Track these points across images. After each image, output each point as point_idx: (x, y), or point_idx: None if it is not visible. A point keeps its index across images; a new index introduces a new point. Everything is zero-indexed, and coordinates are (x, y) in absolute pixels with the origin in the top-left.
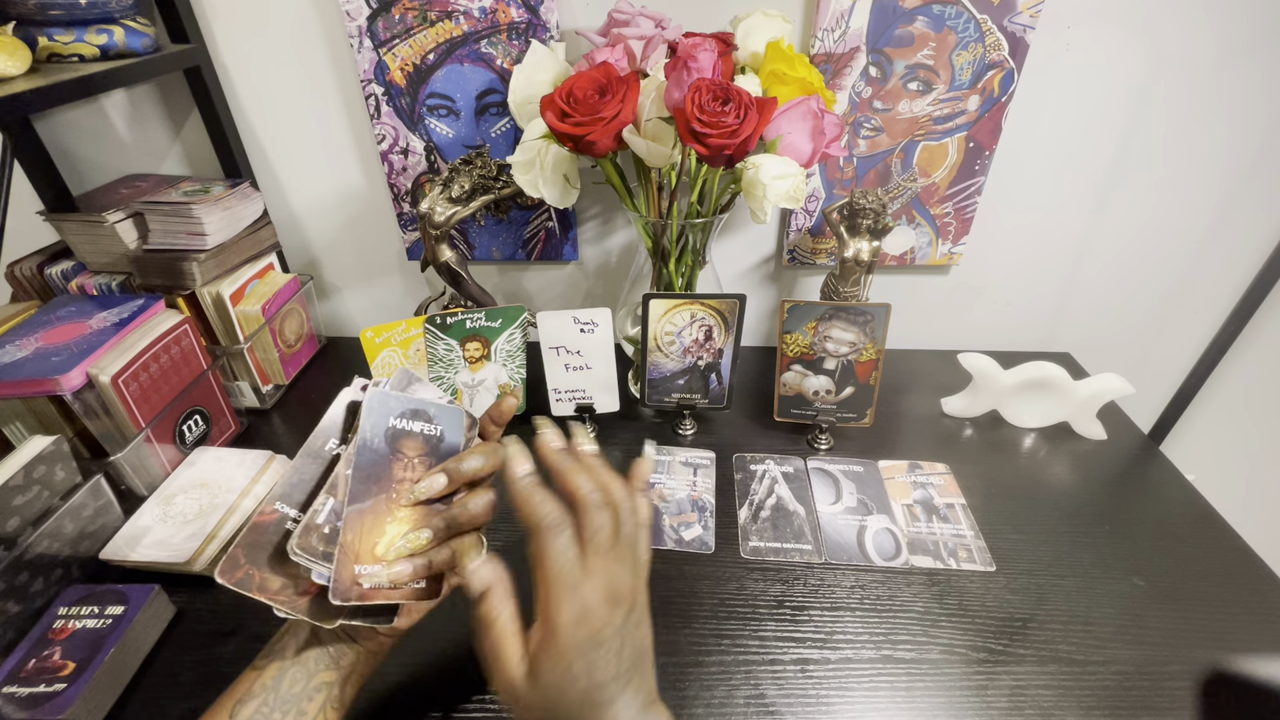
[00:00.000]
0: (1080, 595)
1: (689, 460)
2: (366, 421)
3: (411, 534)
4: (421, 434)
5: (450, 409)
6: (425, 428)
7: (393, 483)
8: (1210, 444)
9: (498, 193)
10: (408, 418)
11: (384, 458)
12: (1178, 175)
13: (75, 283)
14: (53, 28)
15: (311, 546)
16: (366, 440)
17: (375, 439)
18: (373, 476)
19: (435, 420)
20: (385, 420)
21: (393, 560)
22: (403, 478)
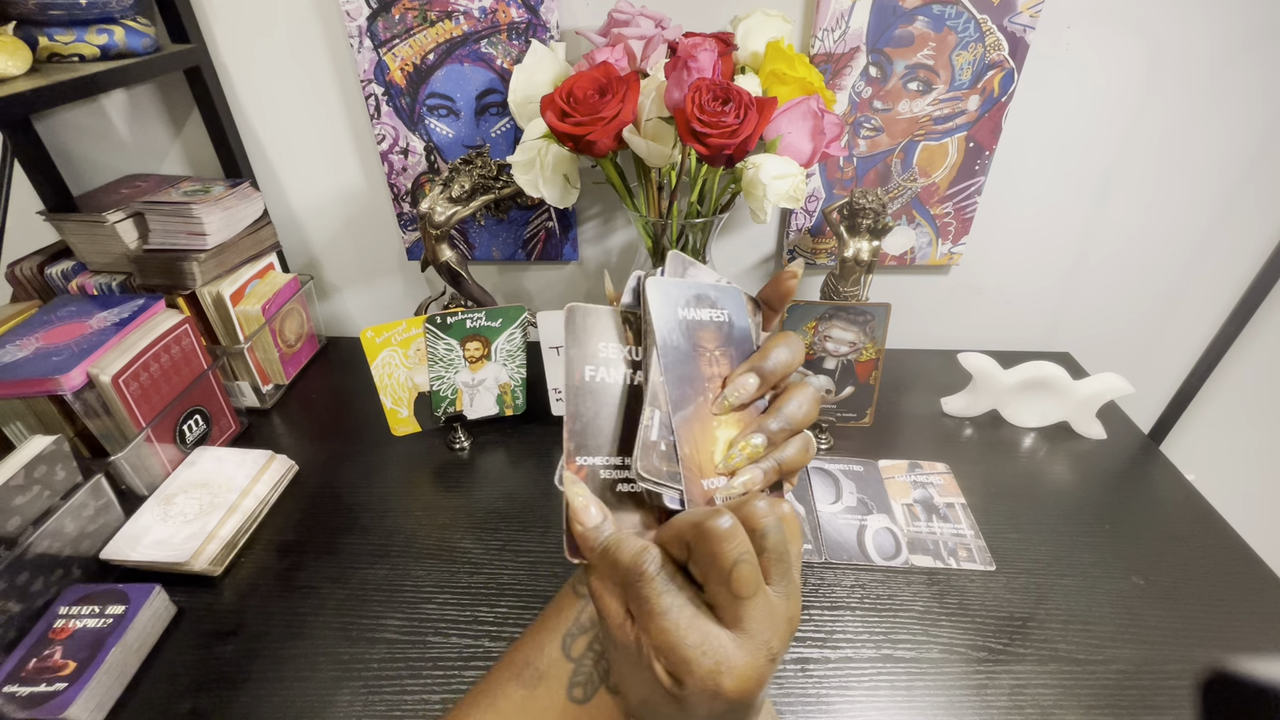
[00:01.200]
0: (1080, 595)
1: None
2: (659, 318)
3: (745, 440)
4: (713, 321)
5: (730, 290)
6: (713, 314)
7: (704, 381)
8: (1210, 444)
9: (498, 193)
10: (693, 305)
11: (688, 355)
12: (1177, 175)
13: (75, 283)
14: (53, 28)
15: (655, 468)
16: (665, 338)
17: (673, 335)
18: (685, 378)
19: (719, 304)
20: (675, 312)
21: (738, 467)
22: (711, 374)
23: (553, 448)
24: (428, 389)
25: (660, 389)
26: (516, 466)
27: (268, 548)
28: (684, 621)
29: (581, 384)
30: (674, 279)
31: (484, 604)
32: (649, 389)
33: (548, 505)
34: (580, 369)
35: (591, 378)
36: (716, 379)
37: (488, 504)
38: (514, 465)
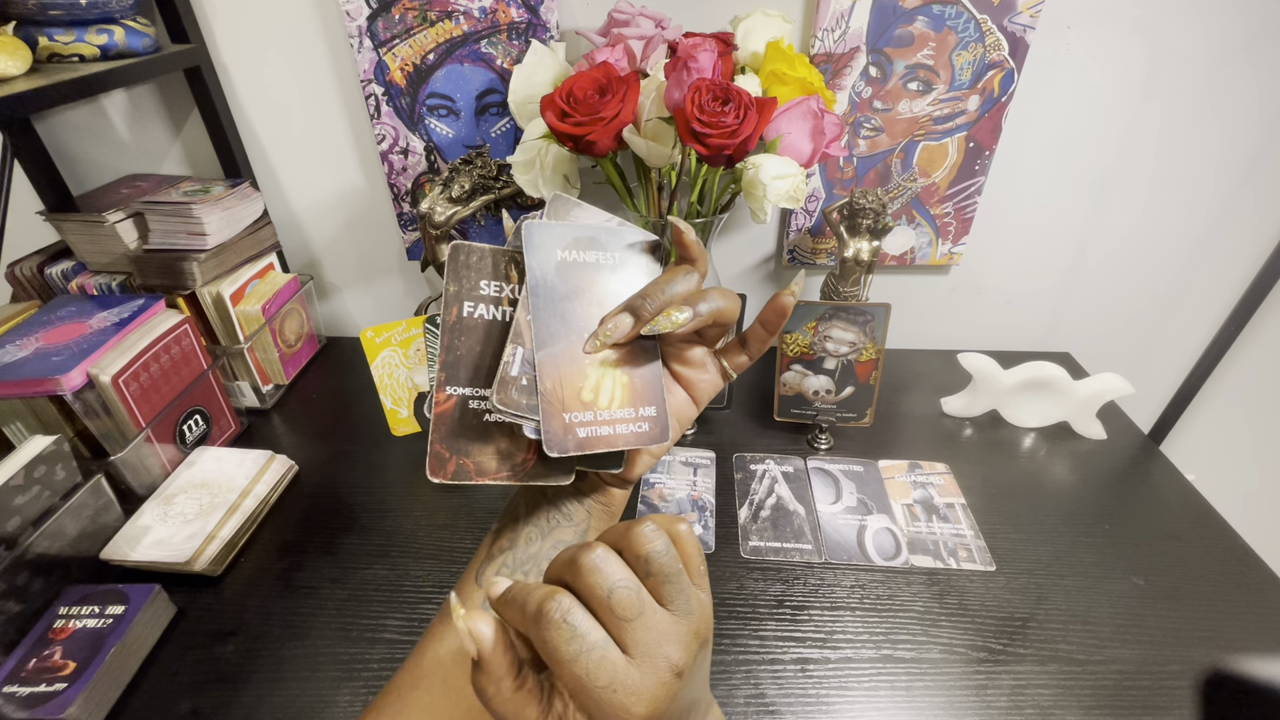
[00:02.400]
0: (1080, 595)
1: (689, 460)
2: (532, 259)
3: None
4: (597, 263)
5: (621, 231)
6: (599, 256)
7: (580, 320)
8: (1210, 444)
9: (498, 193)
10: (574, 247)
11: (564, 295)
12: (1177, 175)
13: (75, 283)
14: (53, 28)
15: (513, 400)
16: (539, 278)
17: (547, 275)
18: (557, 315)
19: (606, 246)
20: (553, 254)
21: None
22: (591, 314)
23: None
24: (428, 389)
25: (525, 326)
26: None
27: (268, 548)
28: (592, 665)
29: (459, 320)
30: (553, 222)
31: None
32: (514, 327)
33: None
34: (459, 305)
35: (470, 314)
36: (598, 319)
37: (487, 504)
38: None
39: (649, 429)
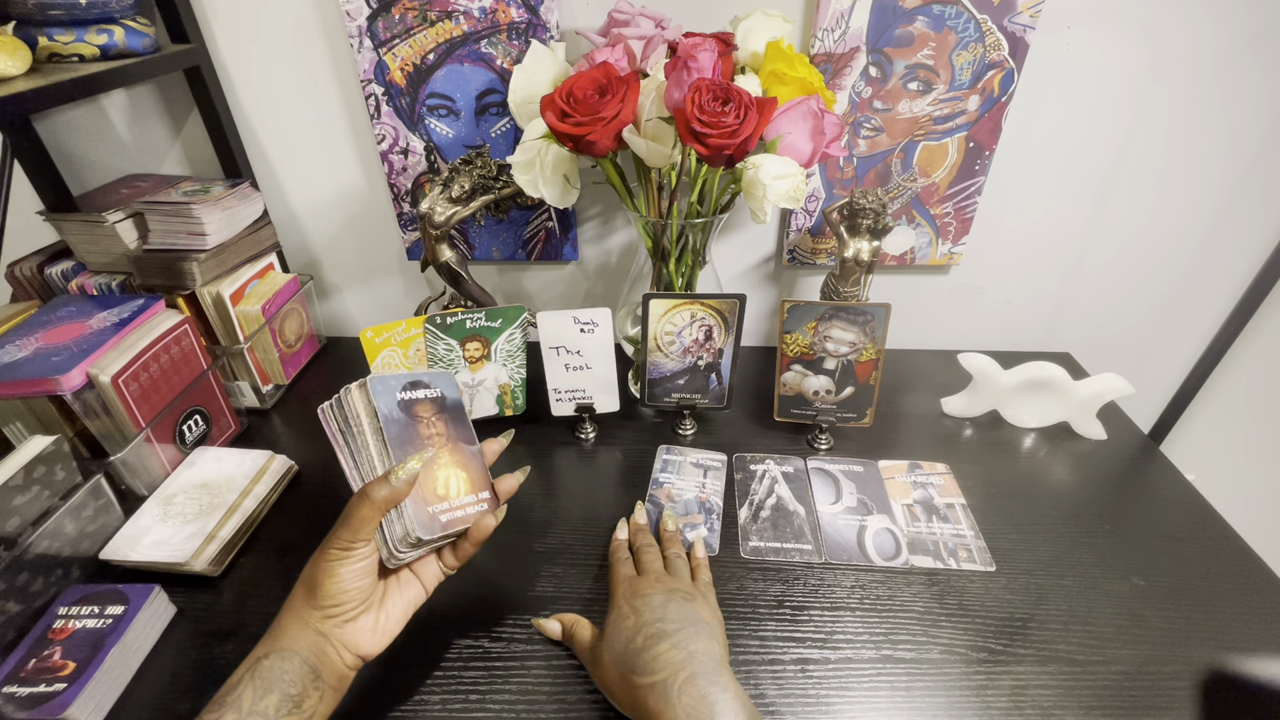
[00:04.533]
0: (1080, 595)
1: (700, 461)
2: (380, 402)
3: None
4: (427, 398)
5: (438, 373)
6: (427, 392)
7: (423, 440)
8: (1210, 444)
9: (498, 193)
10: (409, 388)
11: (408, 424)
12: (1178, 175)
13: (75, 283)
14: (53, 28)
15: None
16: (387, 415)
17: (393, 412)
18: (406, 440)
19: (432, 384)
20: (393, 398)
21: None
22: (429, 434)
23: (553, 447)
24: None
25: (373, 458)
26: (515, 467)
27: (268, 548)
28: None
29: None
30: (389, 374)
31: (482, 604)
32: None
33: (548, 505)
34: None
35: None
36: (434, 436)
37: None
38: (513, 466)
39: (487, 505)
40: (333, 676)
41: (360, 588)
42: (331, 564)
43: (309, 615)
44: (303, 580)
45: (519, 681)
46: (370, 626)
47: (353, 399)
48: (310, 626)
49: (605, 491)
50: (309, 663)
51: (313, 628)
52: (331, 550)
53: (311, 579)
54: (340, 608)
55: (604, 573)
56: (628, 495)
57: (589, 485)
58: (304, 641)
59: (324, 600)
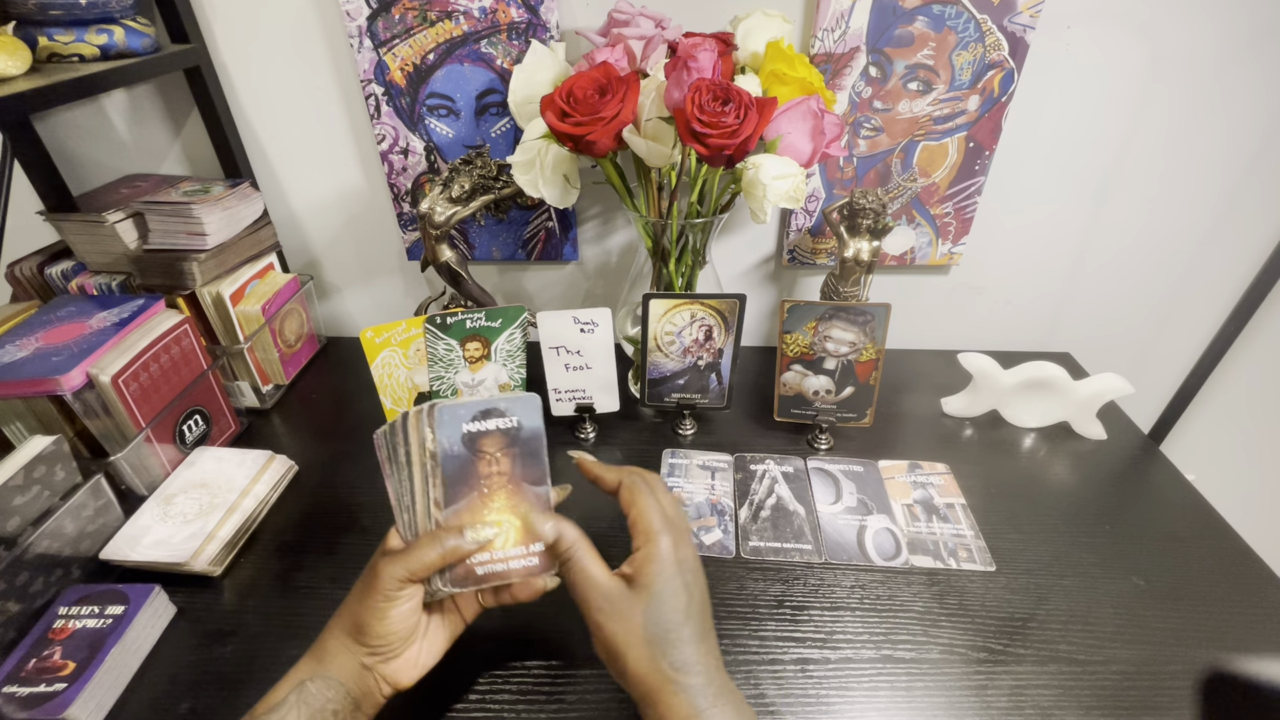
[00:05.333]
0: (1080, 595)
1: (706, 464)
2: (441, 434)
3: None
4: (498, 429)
5: (520, 398)
6: (500, 423)
7: (480, 480)
8: (1210, 444)
9: (498, 193)
10: (480, 418)
11: (467, 460)
12: (1178, 175)
13: (75, 283)
14: (53, 28)
15: (459, 580)
16: (446, 450)
17: (453, 446)
18: (460, 479)
19: (509, 412)
20: (458, 429)
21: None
22: (489, 473)
23: (553, 448)
24: (428, 389)
25: (420, 495)
26: None
27: (268, 548)
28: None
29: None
30: (463, 401)
31: None
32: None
33: None
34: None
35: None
36: (493, 476)
37: None
38: None
39: (538, 563)
40: (370, 706)
41: (407, 627)
42: (380, 607)
43: (355, 649)
44: (348, 612)
45: (519, 681)
46: (413, 659)
47: (407, 426)
48: (356, 659)
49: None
50: (352, 694)
51: (358, 660)
52: (383, 591)
53: (358, 618)
54: (388, 647)
55: None
56: None
57: (589, 485)
58: (349, 672)
59: (371, 640)
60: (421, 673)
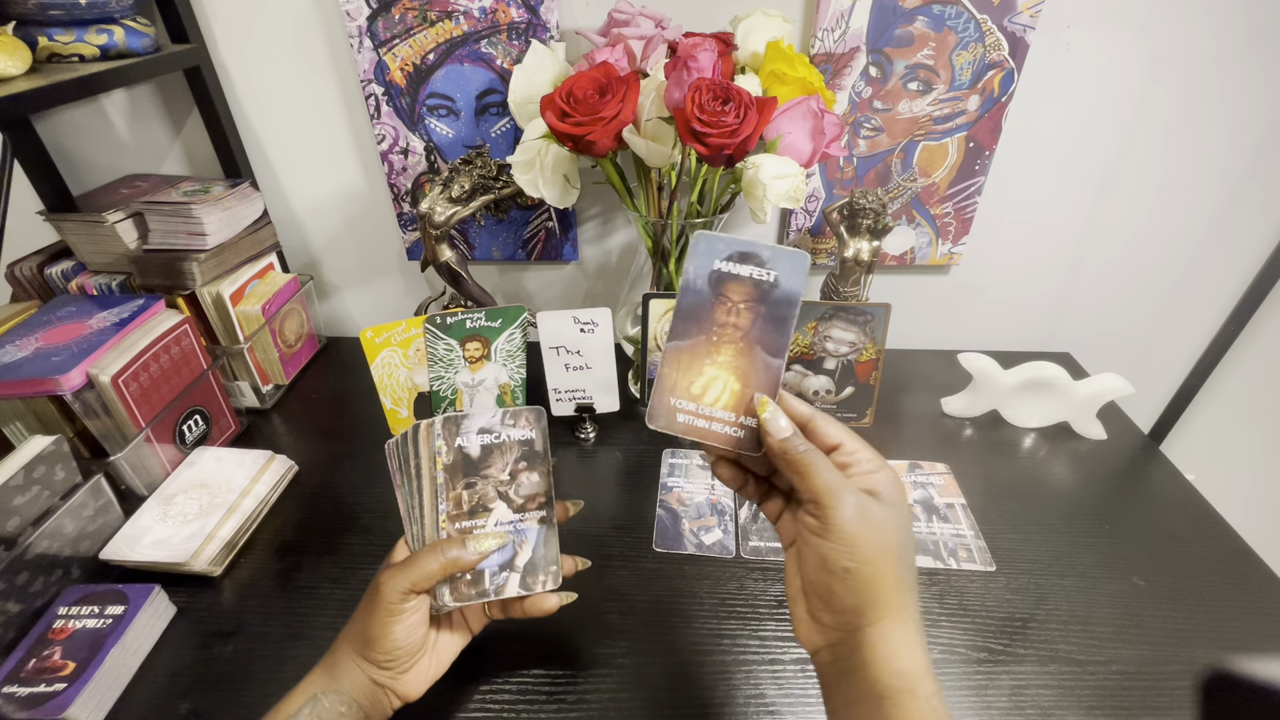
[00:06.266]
0: (1080, 595)
1: (705, 464)
2: (691, 264)
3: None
4: (750, 278)
5: (790, 253)
6: (756, 272)
7: (713, 325)
8: (1210, 444)
9: (498, 193)
10: (736, 260)
11: (706, 300)
12: (1178, 175)
13: (75, 283)
14: (53, 28)
15: (463, 594)
16: (690, 281)
17: (698, 280)
18: (693, 317)
19: (769, 264)
20: (710, 263)
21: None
22: (725, 322)
23: (553, 447)
24: (427, 389)
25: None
26: None
27: (268, 548)
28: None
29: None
30: (725, 234)
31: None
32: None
33: None
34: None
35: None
36: (728, 326)
37: None
38: None
39: (743, 436)
40: (379, 717)
41: (415, 640)
42: (385, 621)
43: (365, 666)
44: (357, 628)
45: (519, 682)
46: (423, 672)
47: (418, 438)
48: (366, 675)
49: (605, 492)
50: (365, 710)
51: (368, 676)
52: (386, 605)
53: (366, 632)
54: (396, 662)
55: (602, 573)
56: (628, 495)
57: (589, 485)
58: (360, 688)
59: (379, 655)
60: (429, 684)
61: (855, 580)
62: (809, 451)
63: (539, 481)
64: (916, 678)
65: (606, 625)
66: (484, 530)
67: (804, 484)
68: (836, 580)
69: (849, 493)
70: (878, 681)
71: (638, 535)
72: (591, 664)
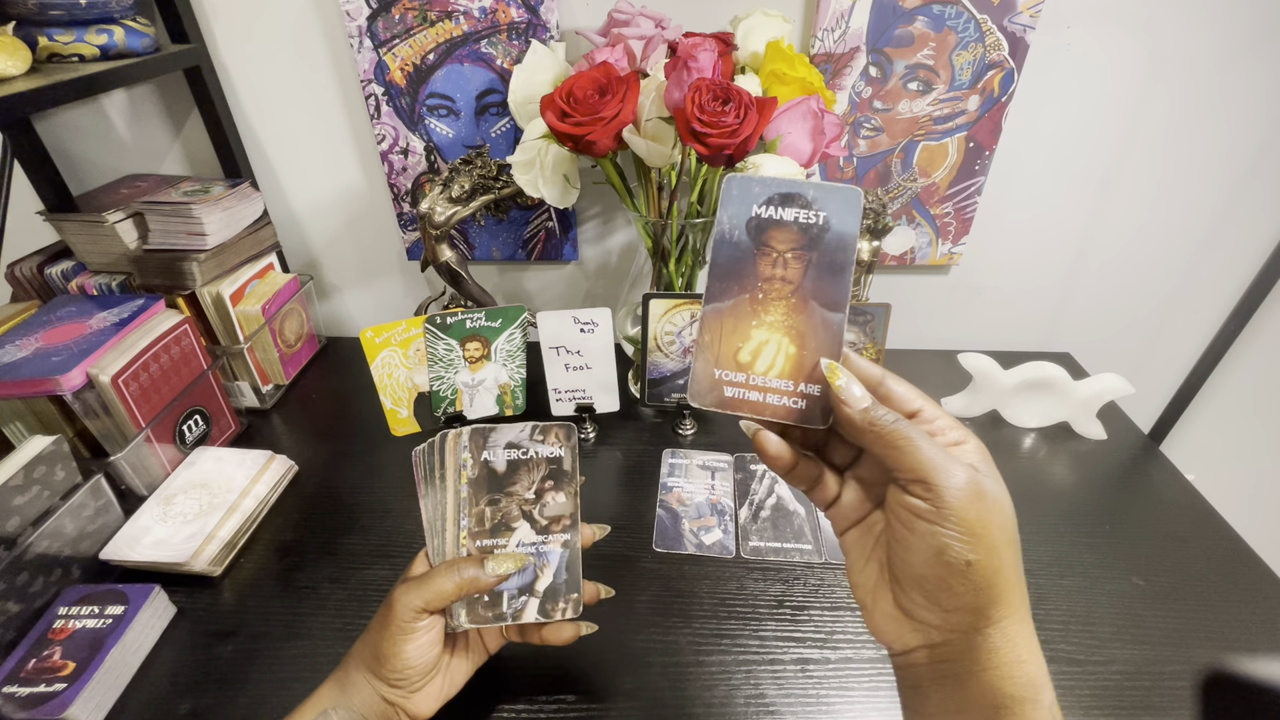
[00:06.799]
0: (1080, 595)
1: (706, 464)
2: (725, 212)
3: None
4: (795, 222)
5: (840, 189)
6: (802, 215)
7: (758, 281)
8: (1210, 444)
9: (498, 193)
10: (776, 204)
11: (746, 252)
12: (1178, 175)
13: (75, 283)
14: (53, 28)
15: (480, 616)
16: (725, 233)
17: (734, 231)
18: (733, 273)
19: (815, 204)
20: (747, 209)
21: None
22: (771, 275)
23: None
24: (427, 389)
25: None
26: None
27: (267, 548)
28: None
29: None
30: (762, 176)
31: None
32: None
33: None
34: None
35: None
36: (776, 280)
37: None
38: None
39: (805, 407)
40: None
41: (427, 660)
42: (397, 639)
43: (376, 684)
44: (369, 644)
45: (518, 682)
46: (435, 691)
47: (445, 448)
48: (377, 692)
49: (606, 492)
50: None
51: (379, 694)
52: (398, 623)
53: (377, 648)
54: (407, 681)
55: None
56: (628, 495)
57: (589, 485)
58: (371, 705)
59: (391, 674)
60: (441, 704)
61: (979, 575)
62: (899, 423)
63: (565, 503)
64: (1039, 686)
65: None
66: (505, 551)
67: (902, 460)
68: (956, 576)
69: (960, 468)
70: (997, 690)
71: (638, 535)
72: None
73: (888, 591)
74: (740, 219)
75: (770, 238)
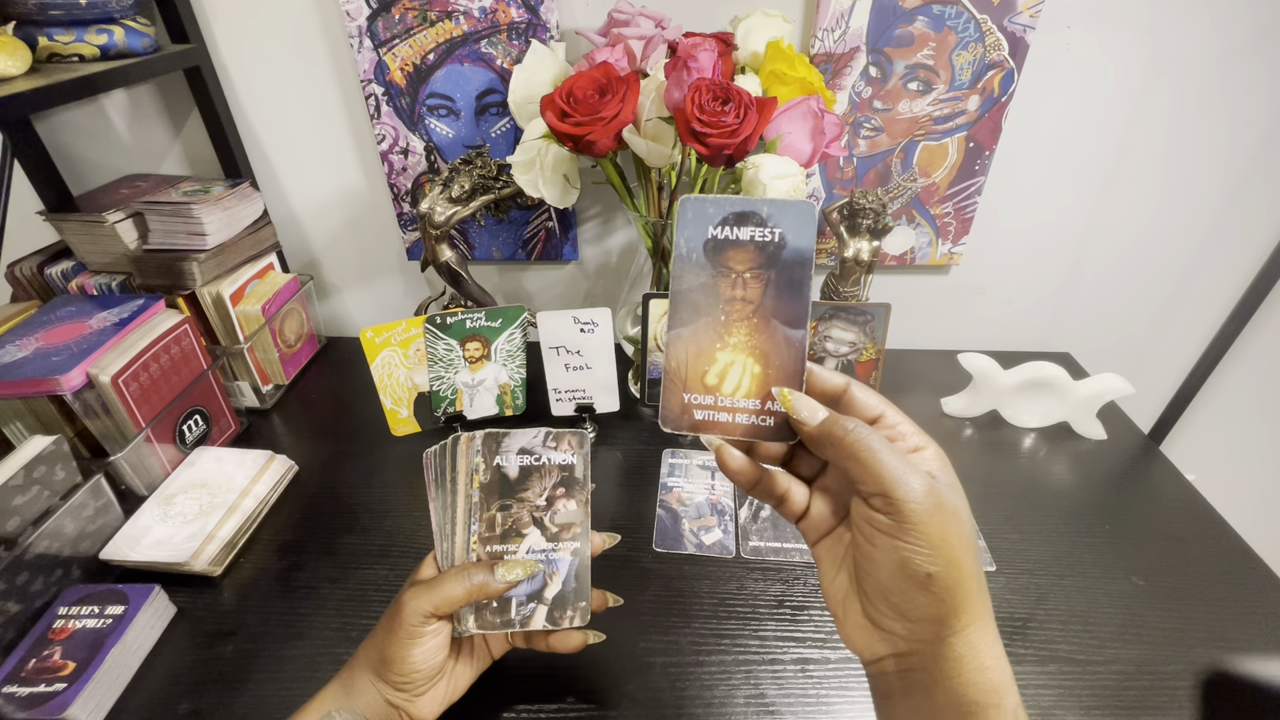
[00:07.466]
0: (1080, 595)
1: (706, 464)
2: (681, 235)
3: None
4: (752, 241)
5: (793, 204)
6: (757, 233)
7: (719, 303)
8: (1210, 444)
9: (498, 193)
10: (731, 223)
11: (705, 274)
12: (1178, 175)
13: (75, 283)
14: (53, 28)
15: (488, 621)
16: (683, 256)
17: (692, 253)
18: (695, 297)
19: (770, 221)
20: (703, 231)
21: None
22: (731, 297)
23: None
24: (427, 389)
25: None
26: None
27: (267, 548)
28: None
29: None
30: (715, 196)
31: None
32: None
33: None
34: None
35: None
36: (736, 301)
37: None
38: None
39: (774, 424)
40: None
41: (433, 664)
42: (404, 643)
43: (380, 687)
44: (375, 647)
45: (519, 684)
46: (439, 695)
47: (457, 451)
48: (381, 695)
49: (606, 492)
50: None
51: (383, 696)
52: (406, 627)
53: (384, 651)
54: (413, 684)
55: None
56: (629, 495)
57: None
58: (375, 708)
59: (396, 677)
60: (445, 707)
61: (940, 587)
62: (858, 428)
63: (576, 510)
64: (1003, 691)
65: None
66: (514, 557)
67: (863, 472)
68: (917, 588)
69: (918, 479)
70: (961, 697)
71: (638, 535)
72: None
73: (857, 602)
74: (697, 241)
75: (728, 258)
